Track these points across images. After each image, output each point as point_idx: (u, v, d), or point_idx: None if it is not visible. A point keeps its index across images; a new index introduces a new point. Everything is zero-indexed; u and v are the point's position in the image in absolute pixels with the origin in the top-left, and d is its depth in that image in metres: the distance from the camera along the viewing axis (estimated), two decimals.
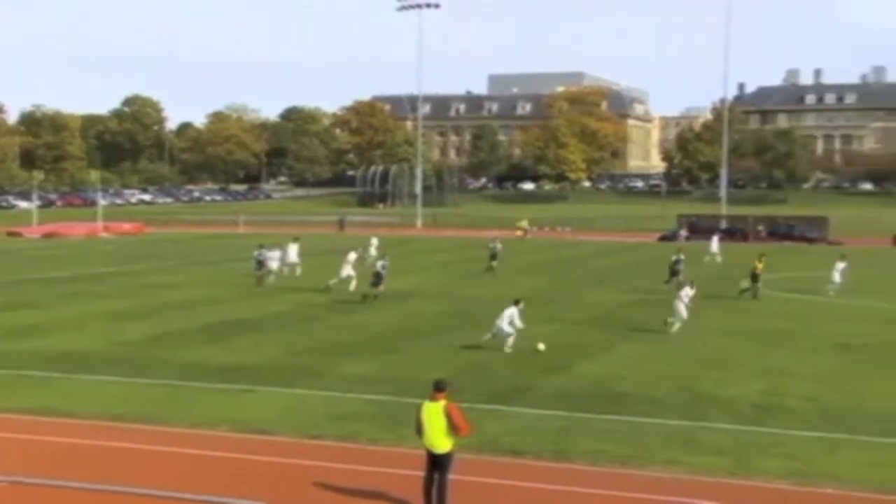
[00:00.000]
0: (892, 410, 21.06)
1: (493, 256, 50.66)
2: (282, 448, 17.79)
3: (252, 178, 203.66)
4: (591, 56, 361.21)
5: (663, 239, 79.80)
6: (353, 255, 43.29)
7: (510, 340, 27.31)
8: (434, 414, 14.07)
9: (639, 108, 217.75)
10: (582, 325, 33.13)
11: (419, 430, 14.30)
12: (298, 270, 47.23)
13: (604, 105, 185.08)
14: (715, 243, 58.96)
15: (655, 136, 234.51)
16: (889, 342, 30.07)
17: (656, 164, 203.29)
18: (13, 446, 18.07)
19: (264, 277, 43.66)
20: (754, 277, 40.50)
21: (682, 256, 45.81)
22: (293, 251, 48.09)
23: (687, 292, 31.92)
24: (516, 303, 28.01)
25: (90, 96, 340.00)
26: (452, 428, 14.04)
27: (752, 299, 39.52)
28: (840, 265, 42.12)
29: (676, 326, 31.04)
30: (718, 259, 56.33)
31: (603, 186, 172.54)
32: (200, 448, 17.80)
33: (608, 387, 23.08)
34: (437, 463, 14.14)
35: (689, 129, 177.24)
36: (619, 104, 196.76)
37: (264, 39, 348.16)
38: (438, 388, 14.22)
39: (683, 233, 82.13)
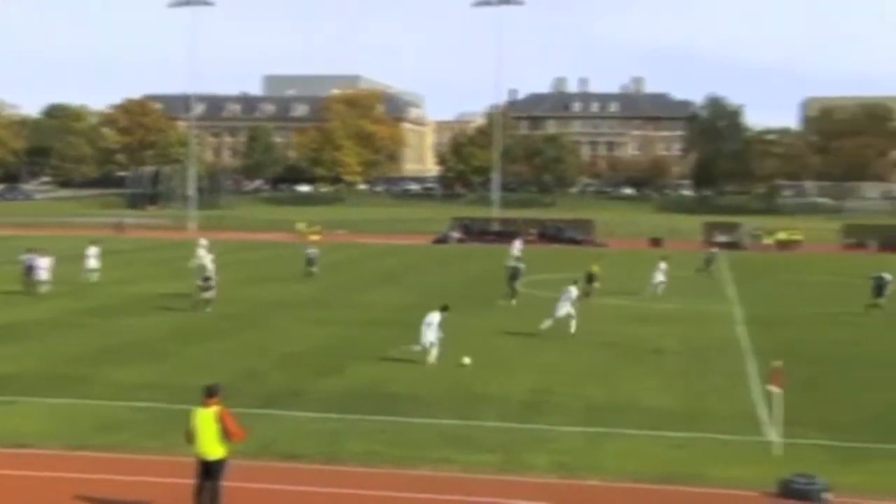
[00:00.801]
0: (646, 404, 22.33)
1: (311, 262, 49.90)
2: (44, 461, 17.04)
3: (11, 178, 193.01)
4: (367, 60, 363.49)
5: (438, 241, 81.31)
6: (93, 250, 44.31)
7: (434, 352, 26.25)
8: (206, 420, 13.82)
9: (414, 112, 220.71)
10: (357, 327, 33.32)
11: (190, 437, 14.00)
12: (95, 277, 45.00)
13: (379, 108, 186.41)
14: (517, 247, 56.13)
15: (430, 139, 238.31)
16: (639, 338, 31.75)
17: (431, 168, 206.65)
18: None
19: (35, 286, 40.77)
20: (590, 279, 41.42)
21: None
22: (92, 255, 45.77)
23: (570, 294, 32.07)
24: (443, 309, 27.00)
25: None
26: (226, 434, 13.83)
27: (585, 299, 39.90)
28: (662, 265, 44.44)
29: (548, 324, 31.31)
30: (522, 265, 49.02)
31: (379, 189, 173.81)
32: None
33: (381, 388, 23.36)
34: (210, 470, 13.87)
35: (463, 134, 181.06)
36: (395, 108, 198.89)
37: (27, 31, 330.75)
38: (210, 394, 14.00)
39: (455, 234, 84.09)
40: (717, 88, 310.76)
